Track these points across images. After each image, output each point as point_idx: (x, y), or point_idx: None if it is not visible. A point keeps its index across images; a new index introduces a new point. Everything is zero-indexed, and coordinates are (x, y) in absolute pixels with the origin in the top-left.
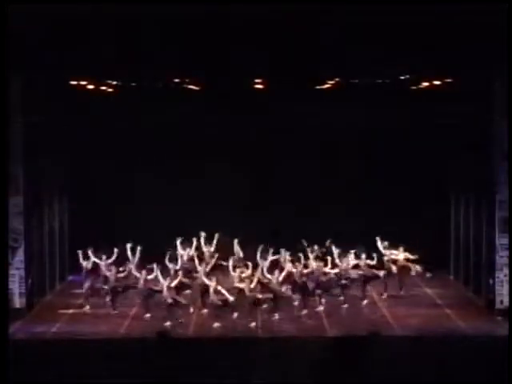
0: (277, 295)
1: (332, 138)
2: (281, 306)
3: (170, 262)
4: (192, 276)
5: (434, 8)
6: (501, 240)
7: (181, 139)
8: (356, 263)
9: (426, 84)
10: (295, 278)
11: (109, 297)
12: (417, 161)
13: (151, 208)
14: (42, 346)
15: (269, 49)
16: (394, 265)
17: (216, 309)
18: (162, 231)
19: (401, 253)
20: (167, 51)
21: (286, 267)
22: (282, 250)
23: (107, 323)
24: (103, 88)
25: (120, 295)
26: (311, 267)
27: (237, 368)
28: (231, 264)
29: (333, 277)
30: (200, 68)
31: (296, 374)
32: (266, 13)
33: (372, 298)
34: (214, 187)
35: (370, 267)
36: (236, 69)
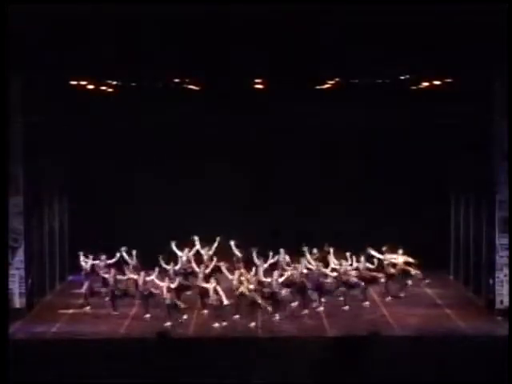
0: (276, 296)
1: (332, 138)
2: (280, 307)
3: (167, 264)
4: (192, 277)
5: (434, 8)
6: (501, 240)
7: (181, 139)
8: (356, 267)
9: (426, 84)
10: (295, 279)
11: (108, 297)
12: (417, 161)
13: (151, 208)
14: (42, 346)
15: (269, 49)
16: (394, 268)
17: (216, 309)
18: (162, 231)
19: (400, 256)
20: (167, 51)
21: (286, 271)
22: (282, 250)
23: (107, 323)
24: (103, 88)
25: (119, 298)
26: (311, 267)
27: (237, 368)
28: (224, 269)
29: (332, 281)
30: (200, 68)
31: (296, 374)
32: (266, 13)
33: (372, 298)
34: (214, 187)
35: (370, 271)
36: (236, 69)
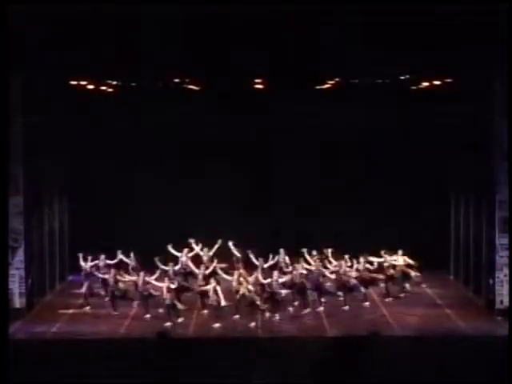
0: (276, 297)
1: (332, 138)
2: (280, 307)
3: (165, 265)
4: (192, 277)
5: (434, 8)
6: (501, 240)
7: (181, 139)
8: (356, 268)
9: (426, 84)
10: (294, 279)
11: (108, 298)
12: (417, 161)
13: (151, 208)
14: (42, 346)
15: (269, 49)
16: (394, 270)
17: (215, 310)
18: (162, 231)
19: (400, 256)
20: (167, 51)
21: (286, 271)
22: (281, 251)
23: (107, 323)
24: (103, 88)
25: (119, 299)
26: (311, 268)
27: (237, 368)
28: (221, 272)
29: (331, 284)
30: (200, 68)
31: (296, 374)
32: (266, 13)
33: (372, 298)
34: (214, 187)
35: (370, 272)
36: (236, 69)
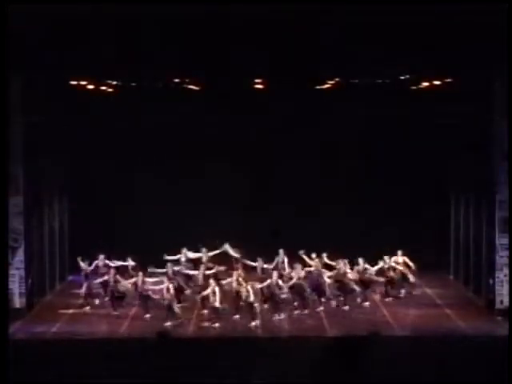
0: (275, 297)
1: (332, 138)
2: (280, 307)
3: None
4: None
5: (434, 8)
6: (501, 240)
7: (181, 139)
8: (356, 270)
9: (426, 84)
10: (294, 279)
11: (108, 298)
12: (417, 161)
13: (151, 208)
14: (42, 346)
15: (269, 49)
16: (394, 272)
17: (215, 310)
18: (162, 231)
19: (400, 256)
20: (167, 51)
21: (285, 272)
22: (281, 251)
23: (107, 323)
24: (103, 88)
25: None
26: (310, 269)
27: (237, 368)
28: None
29: (331, 288)
30: (200, 68)
31: (296, 374)
32: (266, 13)
33: (372, 299)
34: (214, 187)
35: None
36: (236, 69)
